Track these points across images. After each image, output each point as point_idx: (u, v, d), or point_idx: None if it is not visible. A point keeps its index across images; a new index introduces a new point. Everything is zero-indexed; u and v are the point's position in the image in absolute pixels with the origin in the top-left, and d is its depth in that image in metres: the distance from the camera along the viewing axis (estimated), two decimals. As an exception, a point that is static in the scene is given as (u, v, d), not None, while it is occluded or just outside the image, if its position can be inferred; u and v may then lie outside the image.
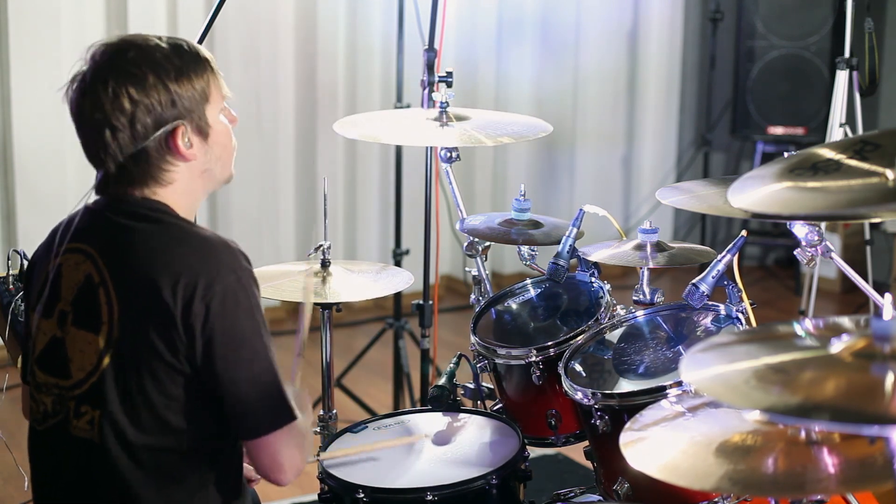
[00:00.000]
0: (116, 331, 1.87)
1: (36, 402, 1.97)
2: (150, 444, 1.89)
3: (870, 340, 1.51)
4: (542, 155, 6.06)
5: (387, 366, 4.50)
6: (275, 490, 3.71)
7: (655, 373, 2.43)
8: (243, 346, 1.87)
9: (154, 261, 1.88)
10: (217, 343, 1.85)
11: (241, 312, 1.87)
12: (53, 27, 4.62)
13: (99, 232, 1.94)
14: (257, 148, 5.21)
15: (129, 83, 1.87)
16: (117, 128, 1.88)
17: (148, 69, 1.89)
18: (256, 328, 1.89)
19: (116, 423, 1.88)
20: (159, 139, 1.90)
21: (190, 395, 1.89)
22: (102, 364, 1.88)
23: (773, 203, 1.66)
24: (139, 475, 1.90)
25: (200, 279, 1.85)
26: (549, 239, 2.84)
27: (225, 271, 1.87)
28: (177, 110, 1.91)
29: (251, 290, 1.90)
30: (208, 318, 1.84)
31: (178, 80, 1.91)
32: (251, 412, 1.89)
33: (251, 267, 1.93)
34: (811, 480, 1.61)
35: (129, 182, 1.93)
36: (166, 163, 1.93)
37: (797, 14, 5.86)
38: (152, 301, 1.85)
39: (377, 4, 5.35)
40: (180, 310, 1.84)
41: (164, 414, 1.88)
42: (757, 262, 6.54)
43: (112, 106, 1.87)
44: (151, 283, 1.85)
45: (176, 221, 1.94)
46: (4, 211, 4.74)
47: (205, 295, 1.84)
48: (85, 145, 1.94)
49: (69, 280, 1.94)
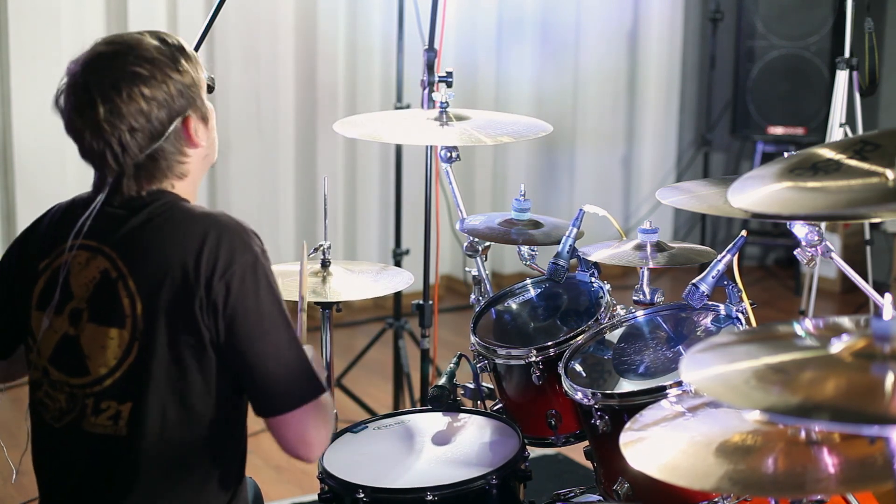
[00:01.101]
0: (141, 323, 1.89)
1: (52, 399, 1.97)
2: (174, 436, 1.91)
3: (870, 340, 1.51)
4: (542, 155, 6.06)
5: (387, 366, 4.50)
6: (275, 490, 3.71)
7: (655, 373, 2.43)
8: (266, 322, 1.89)
9: (171, 247, 1.90)
10: (240, 321, 1.88)
11: (261, 289, 1.90)
12: (53, 27, 4.63)
13: (110, 227, 1.94)
14: (257, 148, 5.21)
15: (140, 82, 1.89)
16: (136, 128, 1.89)
17: (151, 66, 1.91)
18: (277, 303, 1.92)
19: (148, 414, 1.89)
20: (174, 132, 1.93)
21: (213, 383, 1.91)
22: (130, 357, 1.90)
23: (773, 203, 1.66)
24: (159, 466, 1.91)
25: (220, 259, 1.88)
26: (549, 239, 2.84)
27: (242, 249, 1.90)
28: (185, 100, 1.94)
29: (268, 267, 1.93)
30: (229, 296, 1.87)
31: (178, 70, 1.94)
32: (280, 387, 1.90)
33: (263, 244, 1.96)
34: (811, 480, 1.61)
35: (148, 179, 1.95)
36: (181, 154, 1.96)
37: (797, 14, 5.86)
38: (174, 287, 1.87)
39: (377, 4, 5.35)
40: (202, 291, 1.87)
41: (190, 401, 1.90)
42: (757, 262, 6.54)
43: (128, 108, 1.88)
44: (171, 270, 1.88)
45: (186, 206, 1.96)
46: (4, 211, 4.75)
47: (224, 274, 1.87)
48: (95, 153, 1.92)
49: (80, 278, 1.94)
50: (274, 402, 1.91)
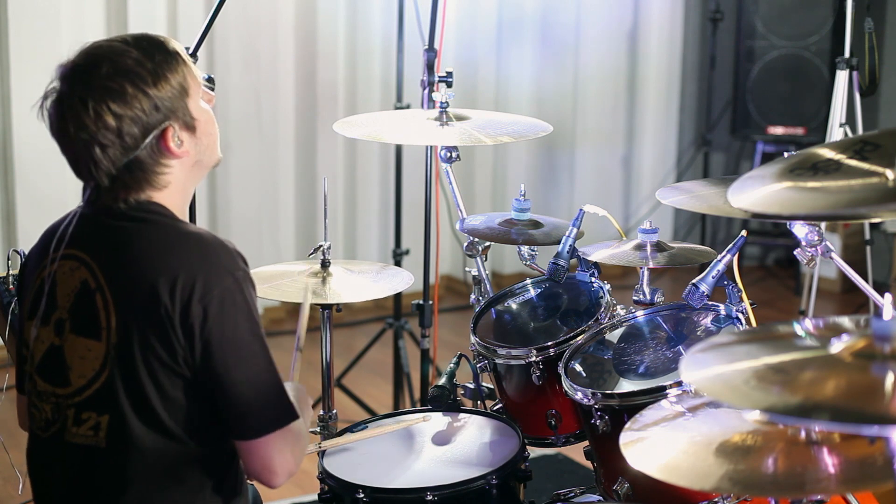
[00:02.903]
0: (115, 336, 1.87)
1: (38, 410, 1.97)
2: (156, 447, 1.88)
3: (870, 340, 1.51)
4: (542, 155, 6.06)
5: (387, 366, 4.50)
6: (275, 490, 3.70)
7: (655, 373, 2.43)
8: (242, 348, 1.87)
9: (150, 263, 1.87)
10: (216, 345, 1.85)
11: (238, 314, 1.87)
12: (53, 27, 4.63)
13: (93, 237, 1.93)
14: (257, 148, 5.20)
15: (108, 99, 1.85)
16: (106, 144, 1.86)
17: (124, 80, 1.86)
18: (254, 329, 1.89)
19: (124, 426, 1.87)
20: (150, 145, 1.89)
21: (189, 397, 1.88)
22: (105, 370, 1.88)
23: (773, 203, 1.66)
24: (144, 478, 1.89)
25: (198, 281, 1.84)
26: (549, 239, 2.84)
27: (222, 273, 1.87)
28: (161, 114, 1.89)
29: (248, 292, 1.89)
30: (206, 320, 1.84)
31: (157, 83, 1.88)
32: (251, 412, 1.88)
33: (248, 267, 1.92)
34: (811, 480, 1.62)
35: (125, 189, 1.91)
36: (160, 165, 1.92)
37: (797, 14, 5.86)
38: (150, 304, 1.85)
39: (377, 4, 5.35)
40: (178, 312, 1.84)
41: (166, 417, 1.88)
42: (757, 262, 6.54)
43: (96, 125, 1.84)
44: (148, 286, 1.85)
45: (171, 222, 1.93)
46: (4, 211, 4.75)
47: (203, 297, 1.84)
48: (73, 163, 1.91)
49: (65, 287, 1.93)
50: (242, 426, 1.89)
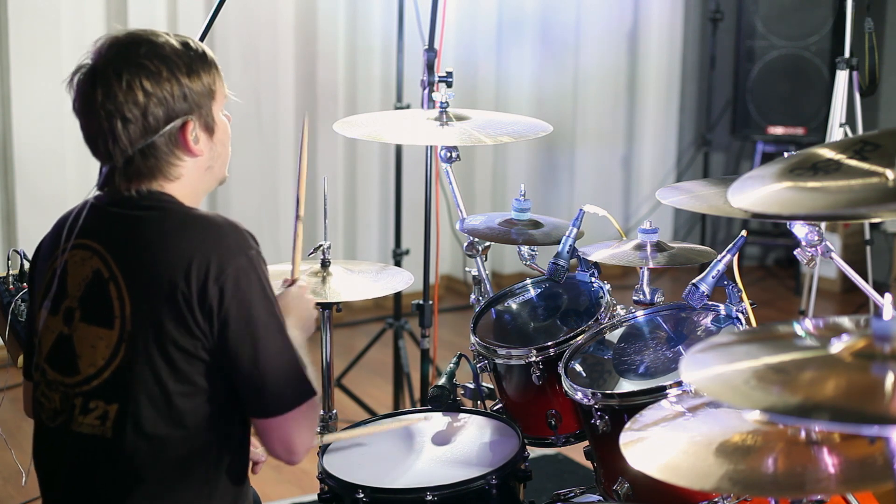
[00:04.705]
0: (129, 325, 1.88)
1: (48, 399, 1.97)
2: (167, 435, 1.90)
3: (870, 340, 1.51)
4: (542, 155, 6.06)
5: (387, 366, 4.50)
6: (275, 490, 3.71)
7: (655, 373, 2.43)
8: (260, 325, 1.89)
9: (163, 248, 1.89)
10: (233, 323, 1.87)
11: (254, 292, 1.89)
12: (53, 27, 4.62)
13: (104, 227, 1.95)
14: (257, 148, 5.21)
15: (143, 75, 1.89)
16: (129, 119, 1.89)
17: (161, 63, 1.91)
18: (270, 307, 1.91)
19: (134, 416, 1.88)
20: (169, 133, 1.92)
21: (209, 381, 1.90)
22: (117, 358, 1.89)
23: (773, 203, 1.66)
24: (151, 467, 1.90)
25: (212, 262, 1.87)
26: (549, 239, 2.84)
27: (235, 252, 1.89)
28: (187, 104, 1.93)
29: (262, 271, 1.92)
30: (223, 299, 1.86)
31: (189, 75, 1.93)
32: (271, 389, 1.90)
33: (258, 246, 1.95)
34: (811, 480, 1.61)
35: (137, 176, 1.94)
36: (175, 157, 1.94)
37: (797, 14, 5.86)
38: (165, 289, 1.86)
39: (377, 4, 5.35)
40: (196, 294, 1.86)
41: (181, 403, 1.89)
42: (757, 262, 6.54)
43: (125, 97, 1.88)
44: (163, 271, 1.87)
45: (180, 207, 1.95)
46: (4, 211, 4.75)
47: (218, 277, 1.86)
48: (91, 138, 1.94)
49: (76, 276, 1.95)
50: (262, 404, 1.91)
